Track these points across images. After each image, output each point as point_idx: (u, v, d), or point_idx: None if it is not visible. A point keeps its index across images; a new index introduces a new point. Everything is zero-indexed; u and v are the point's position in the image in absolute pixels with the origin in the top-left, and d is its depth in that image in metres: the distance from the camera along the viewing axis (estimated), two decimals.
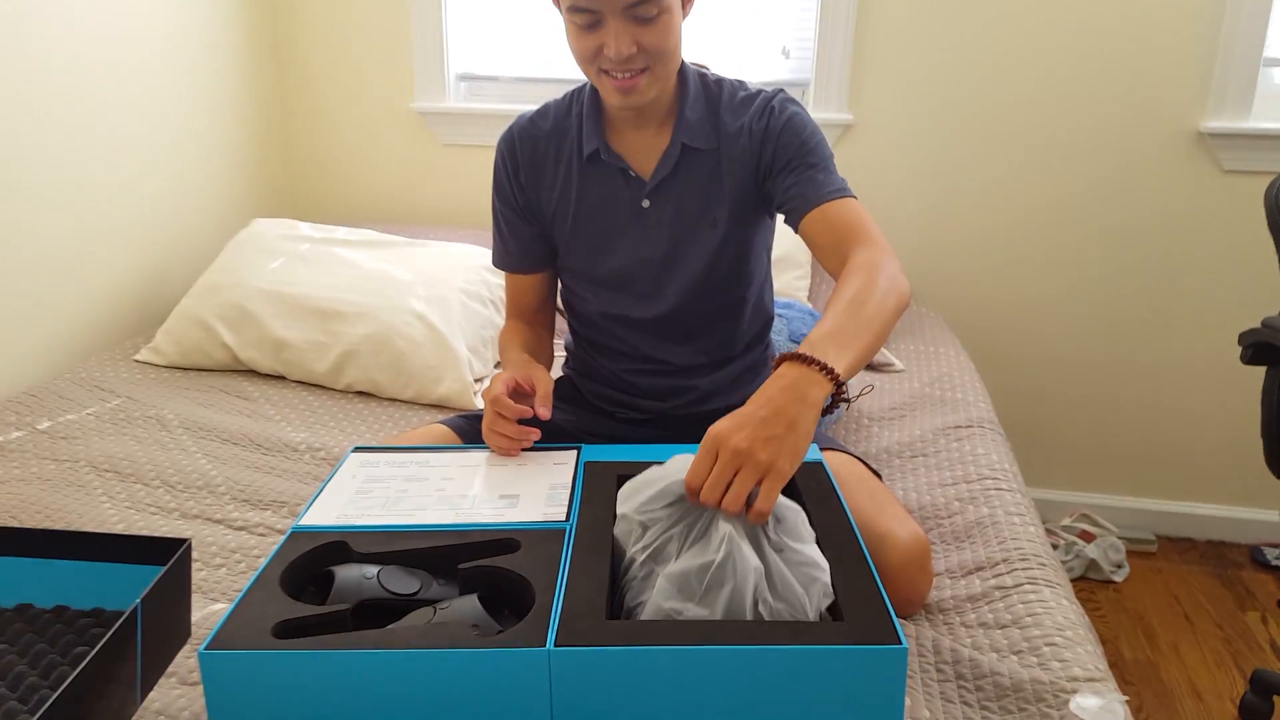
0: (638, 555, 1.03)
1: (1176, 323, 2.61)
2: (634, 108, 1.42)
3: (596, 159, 1.49)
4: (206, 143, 2.60)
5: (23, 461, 1.77)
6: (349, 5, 2.76)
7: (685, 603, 0.96)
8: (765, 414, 1.03)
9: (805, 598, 0.96)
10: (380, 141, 2.87)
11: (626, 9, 1.30)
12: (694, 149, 1.47)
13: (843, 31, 2.54)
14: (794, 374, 1.06)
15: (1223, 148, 2.44)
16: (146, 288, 2.42)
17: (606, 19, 1.31)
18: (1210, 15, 2.37)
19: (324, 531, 1.14)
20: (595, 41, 1.34)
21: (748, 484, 0.99)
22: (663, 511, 1.04)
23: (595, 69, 1.38)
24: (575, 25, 1.35)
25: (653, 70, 1.37)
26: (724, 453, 1.00)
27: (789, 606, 0.96)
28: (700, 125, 1.47)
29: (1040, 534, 1.51)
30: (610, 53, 1.32)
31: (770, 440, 1.00)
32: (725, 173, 1.47)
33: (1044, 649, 1.18)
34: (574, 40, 1.37)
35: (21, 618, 1.13)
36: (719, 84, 1.50)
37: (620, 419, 1.62)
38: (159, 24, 2.39)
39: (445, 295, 2.18)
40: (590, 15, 1.31)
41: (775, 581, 0.97)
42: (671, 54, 1.38)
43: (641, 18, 1.31)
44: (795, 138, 1.44)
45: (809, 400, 1.05)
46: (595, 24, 1.32)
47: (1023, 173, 2.58)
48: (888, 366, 2.22)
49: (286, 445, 1.87)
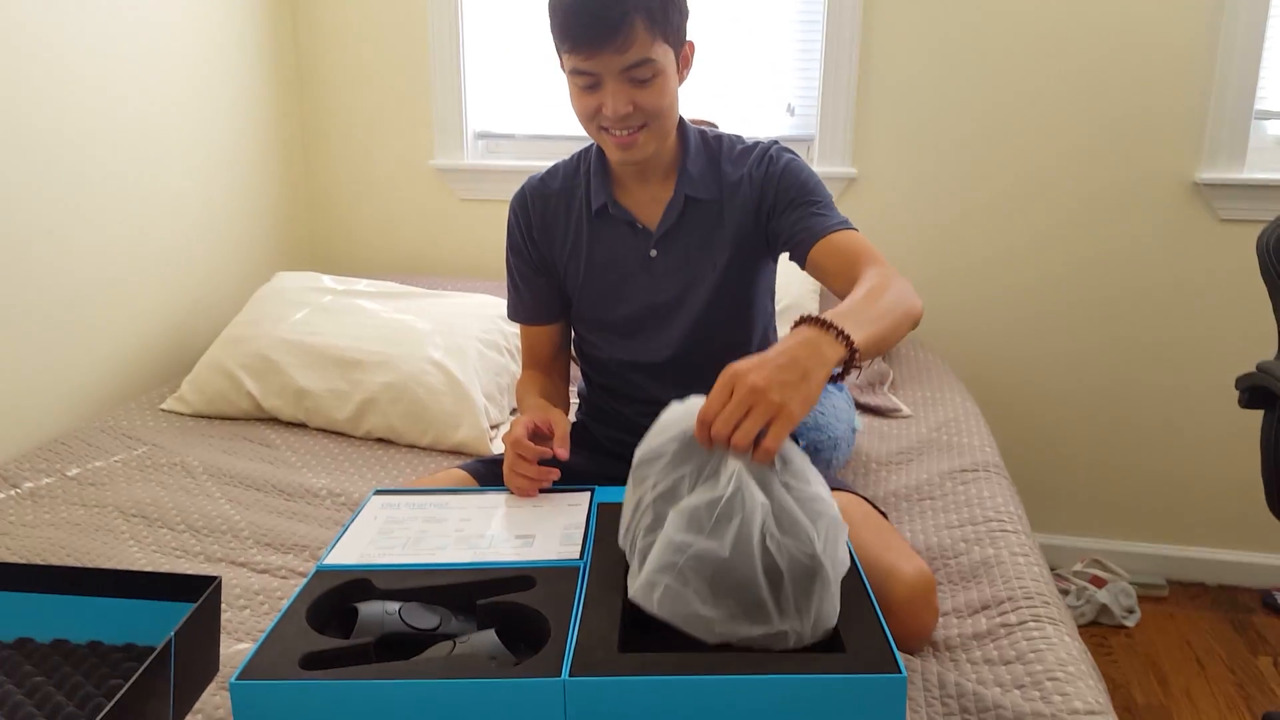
0: (647, 495, 1.07)
1: (1179, 368, 2.65)
2: (634, 163, 1.51)
3: (605, 213, 1.56)
4: (232, 199, 2.68)
5: (53, 506, 1.83)
6: (372, 66, 2.85)
7: (695, 536, 0.99)
8: (782, 361, 1.07)
9: (813, 530, 0.99)
10: (400, 197, 2.95)
11: (623, 71, 1.38)
12: (697, 199, 1.55)
13: (846, 89, 2.61)
14: (812, 333, 1.11)
15: (1218, 198, 2.49)
16: (172, 339, 2.48)
17: (605, 80, 1.40)
18: (1203, 71, 2.43)
19: (347, 570, 1.18)
20: (595, 101, 1.42)
21: (759, 422, 1.02)
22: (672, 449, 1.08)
23: (595, 126, 1.46)
24: (577, 86, 1.43)
25: (650, 127, 1.45)
26: (740, 389, 1.03)
27: (796, 541, 0.99)
28: (702, 177, 1.55)
29: (1045, 574, 1.54)
30: (608, 111, 1.41)
31: (785, 384, 1.04)
32: (728, 220, 1.55)
33: (1046, 683, 1.22)
34: (576, 100, 1.46)
35: (57, 652, 1.18)
36: (718, 139, 1.59)
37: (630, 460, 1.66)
38: (188, 86, 2.48)
39: (462, 344, 2.24)
40: (590, 77, 1.40)
41: (782, 518, 1.00)
42: (667, 113, 1.46)
43: (637, 79, 1.40)
44: (795, 179, 1.52)
45: (823, 357, 1.09)
46: (595, 85, 1.41)
47: (1024, 225, 2.63)
48: (895, 412, 2.27)
49: (308, 491, 1.92)
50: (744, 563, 0.97)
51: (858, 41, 2.58)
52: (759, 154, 1.56)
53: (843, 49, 2.59)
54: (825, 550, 1.00)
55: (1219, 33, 2.40)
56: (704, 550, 0.98)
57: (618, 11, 1.34)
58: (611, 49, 1.36)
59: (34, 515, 1.79)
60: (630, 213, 1.56)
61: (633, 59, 1.38)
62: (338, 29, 2.85)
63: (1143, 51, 2.46)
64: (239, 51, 2.66)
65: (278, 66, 2.83)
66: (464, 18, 2.77)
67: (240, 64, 2.67)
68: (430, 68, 2.81)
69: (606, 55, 1.37)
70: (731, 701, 0.93)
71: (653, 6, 1.36)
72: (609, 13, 1.34)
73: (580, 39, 1.36)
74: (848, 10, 2.56)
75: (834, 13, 2.57)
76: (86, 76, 2.16)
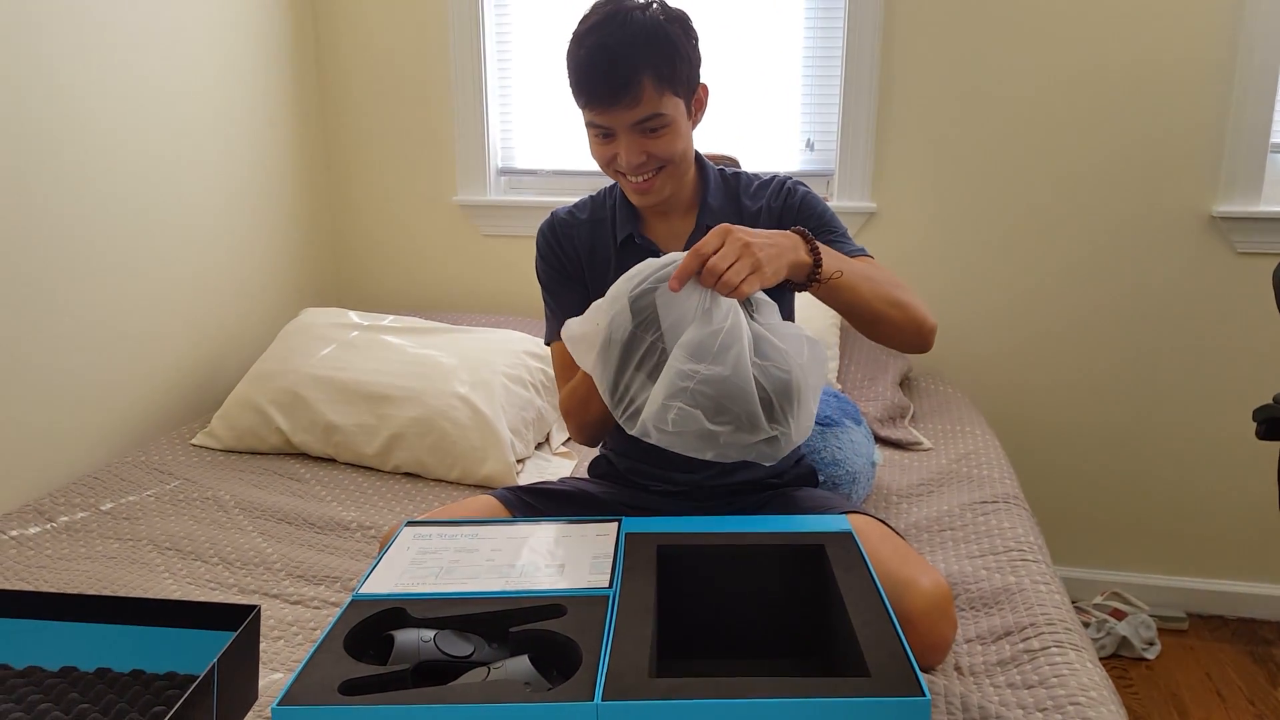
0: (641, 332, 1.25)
1: (1197, 401, 2.67)
2: (652, 205, 1.59)
3: (630, 243, 1.63)
4: (258, 237, 2.74)
5: (88, 540, 1.87)
6: (396, 103, 2.92)
7: (699, 364, 1.16)
8: (766, 238, 1.28)
9: (786, 351, 1.23)
10: (424, 233, 3.00)
11: (634, 125, 1.47)
12: None
13: (865, 124, 2.66)
14: (795, 238, 1.33)
15: (1234, 231, 2.52)
16: (202, 375, 2.53)
17: (618, 133, 1.48)
18: (1218, 105, 2.47)
19: (382, 599, 1.21)
20: (611, 150, 1.51)
21: (745, 268, 1.22)
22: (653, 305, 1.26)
23: (613, 171, 1.55)
24: (593, 136, 1.52)
25: (665, 170, 1.53)
26: (732, 241, 1.24)
27: (776, 361, 1.22)
28: (722, 210, 1.62)
29: (1065, 602, 1.56)
30: (622, 162, 1.50)
31: (766, 248, 1.27)
32: None
33: (1069, 707, 1.24)
34: (593, 148, 1.54)
35: (101, 680, 1.22)
36: (735, 176, 1.66)
37: (654, 491, 1.70)
38: (214, 126, 2.54)
39: (488, 379, 2.27)
40: (604, 129, 1.49)
41: (761, 345, 1.23)
42: (681, 157, 1.54)
43: (649, 130, 1.48)
44: (813, 210, 1.60)
45: (795, 255, 1.31)
46: (609, 136, 1.50)
47: (1042, 258, 2.66)
48: (915, 445, 2.29)
49: (338, 524, 1.95)
50: (743, 381, 1.19)
51: (877, 77, 2.62)
52: (776, 186, 1.63)
53: (862, 84, 2.64)
54: (795, 368, 1.23)
55: (1234, 67, 2.43)
56: (710, 374, 1.19)
57: (625, 72, 1.42)
58: (621, 107, 1.45)
59: (70, 549, 1.83)
60: (654, 243, 1.62)
61: (642, 114, 1.46)
62: (361, 67, 2.92)
63: (1158, 86, 2.49)
64: (264, 90, 2.72)
65: (302, 105, 2.90)
66: (487, 54, 2.84)
67: (265, 102, 2.73)
68: (453, 104, 2.87)
69: (617, 112, 1.45)
70: None
71: (660, 65, 1.44)
72: (617, 74, 1.43)
73: (592, 97, 1.46)
74: (867, 46, 2.61)
75: (853, 48, 2.62)
76: (116, 119, 2.22)
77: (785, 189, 1.62)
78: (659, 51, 1.44)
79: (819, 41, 2.69)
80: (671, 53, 1.46)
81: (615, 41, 1.43)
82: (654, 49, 1.44)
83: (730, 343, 1.19)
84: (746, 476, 1.66)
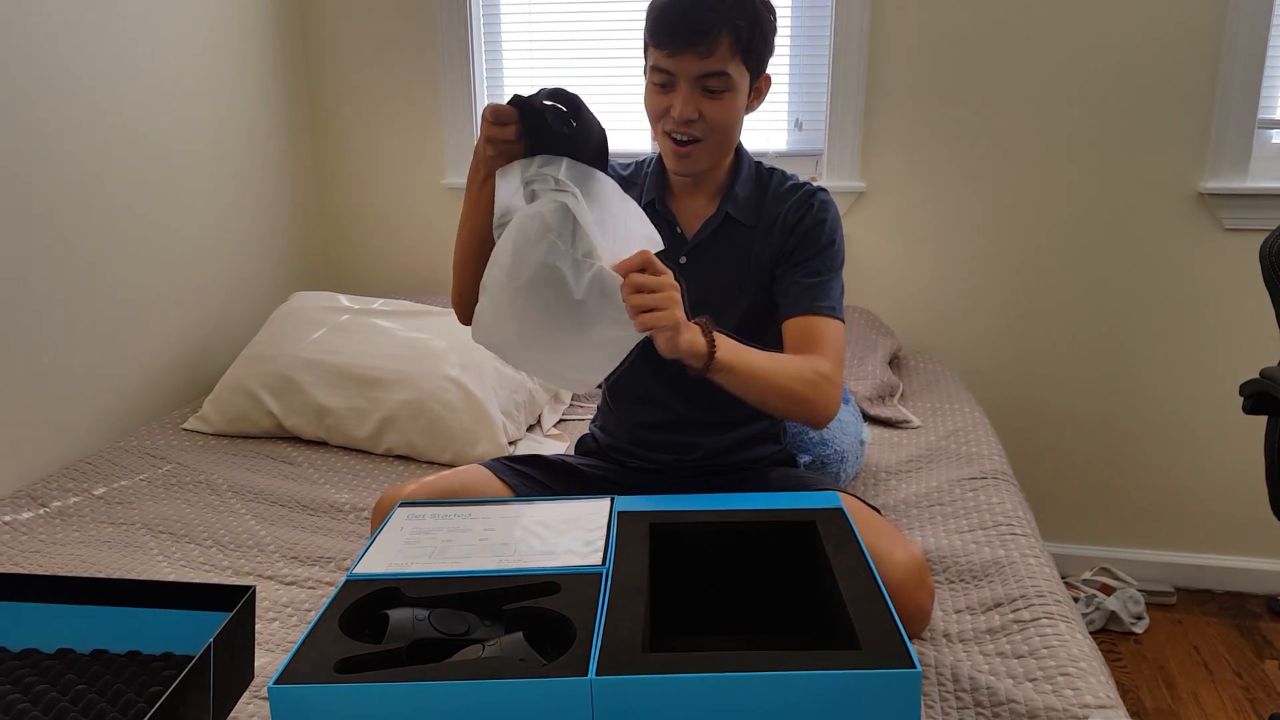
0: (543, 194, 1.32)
1: (1184, 377, 2.68)
2: (688, 174, 1.59)
3: (651, 208, 1.64)
4: (248, 221, 2.74)
5: (81, 525, 1.87)
6: (384, 88, 2.91)
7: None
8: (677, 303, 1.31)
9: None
10: (414, 216, 3.00)
11: (697, 78, 1.47)
12: (735, 221, 1.62)
13: (853, 103, 2.66)
14: (699, 331, 1.35)
15: (1222, 207, 2.53)
16: (193, 360, 2.53)
17: (679, 83, 1.49)
18: (1205, 81, 2.48)
19: (377, 579, 1.22)
20: (666, 101, 1.51)
21: (659, 320, 1.26)
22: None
23: (661, 128, 1.55)
24: (653, 83, 1.52)
25: (707, 142, 1.53)
26: (672, 294, 1.28)
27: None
28: (747, 202, 1.62)
29: (1054, 575, 1.58)
30: (675, 113, 1.50)
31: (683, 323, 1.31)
32: (757, 250, 1.62)
33: (1058, 678, 1.25)
34: (649, 98, 1.55)
35: (98, 662, 1.22)
36: (770, 172, 1.67)
37: (631, 468, 1.75)
38: (203, 109, 2.53)
39: (479, 361, 2.28)
40: (667, 76, 1.49)
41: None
42: (728, 131, 1.55)
43: (709, 89, 1.49)
44: (817, 242, 1.59)
45: (693, 345, 1.33)
46: (669, 85, 1.50)
47: (1031, 236, 2.67)
48: (904, 423, 2.30)
49: (331, 506, 1.96)
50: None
51: (865, 55, 2.62)
52: (802, 196, 1.61)
53: (850, 64, 2.64)
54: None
55: (1222, 43, 2.44)
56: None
57: (709, 20, 1.44)
58: (693, 53, 1.45)
59: (64, 533, 1.83)
60: (674, 215, 1.64)
61: (710, 68, 1.47)
62: (349, 49, 2.91)
63: (1146, 62, 2.50)
64: (252, 75, 2.71)
65: (290, 88, 2.89)
66: (475, 35, 2.83)
67: (253, 87, 2.72)
68: (441, 87, 2.86)
69: (687, 58, 1.46)
70: (752, 698, 0.97)
71: (741, 27, 1.46)
72: (701, 20, 1.44)
73: (668, 37, 1.46)
74: (855, 25, 2.61)
75: (841, 28, 2.62)
76: (103, 105, 2.21)
77: (808, 204, 1.61)
78: (745, 15, 1.46)
79: (807, 20, 2.69)
80: (755, 22, 1.48)
81: None
82: (741, 11, 1.46)
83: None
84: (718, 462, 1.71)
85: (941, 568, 1.63)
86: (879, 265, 2.77)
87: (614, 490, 1.67)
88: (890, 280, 2.78)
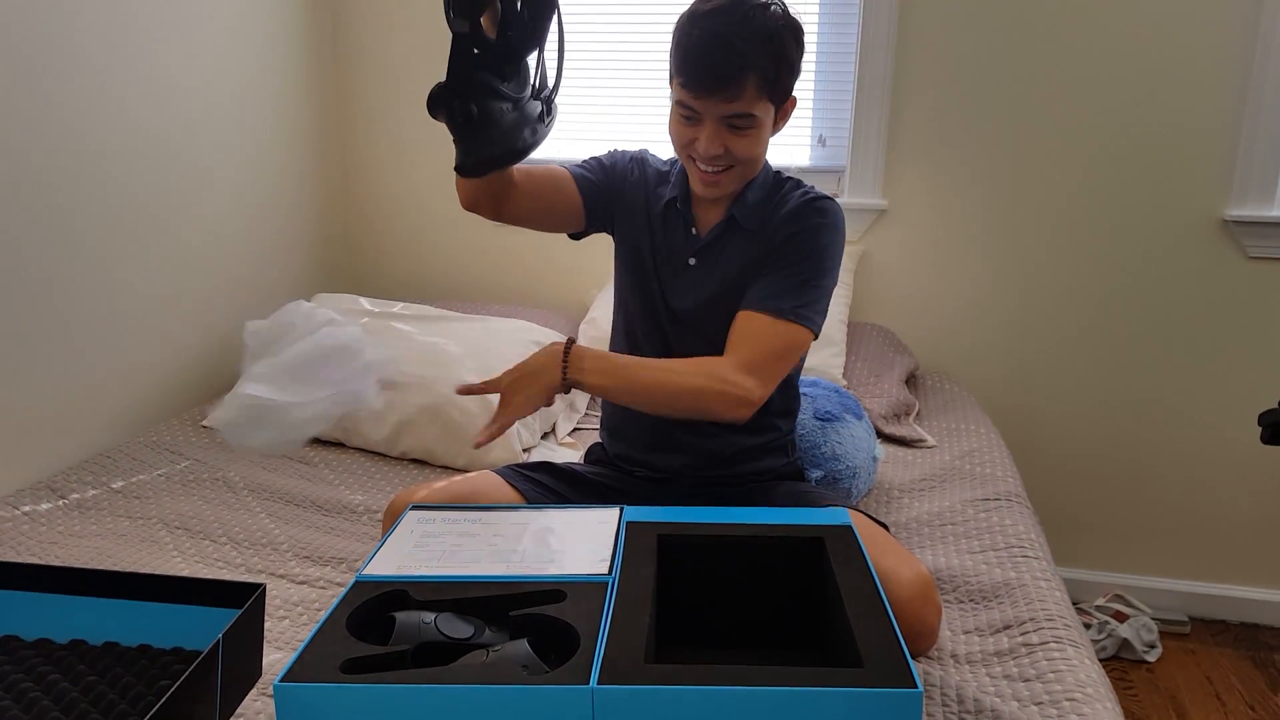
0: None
1: (1205, 405, 2.67)
2: (714, 199, 1.61)
3: (673, 206, 1.66)
4: (273, 222, 2.76)
5: (99, 518, 1.89)
6: (410, 93, 2.93)
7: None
8: (520, 373, 1.51)
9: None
10: (435, 222, 3.02)
11: (723, 118, 1.48)
12: (740, 225, 1.62)
13: (877, 122, 2.66)
14: (552, 357, 1.50)
15: (1246, 235, 2.52)
16: (214, 357, 2.55)
17: (705, 120, 1.49)
18: (1233, 109, 2.46)
19: (385, 581, 1.23)
20: (692, 134, 1.52)
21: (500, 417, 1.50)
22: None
23: (686, 155, 1.56)
24: (678, 115, 1.53)
25: (735, 170, 1.55)
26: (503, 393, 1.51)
27: None
28: (755, 209, 1.63)
29: (1065, 599, 1.57)
30: (700, 149, 1.51)
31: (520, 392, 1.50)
32: (757, 254, 1.61)
33: (1064, 702, 1.25)
34: (674, 127, 1.55)
35: (109, 654, 1.24)
36: (787, 181, 1.67)
37: (638, 476, 1.76)
38: (232, 111, 2.56)
39: (495, 368, 2.26)
40: (693, 112, 1.49)
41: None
42: (756, 160, 1.57)
43: (736, 126, 1.49)
44: (801, 246, 1.57)
45: (548, 377, 1.49)
46: (695, 120, 1.50)
47: (1052, 258, 2.67)
48: (919, 442, 2.30)
49: (345, 507, 1.98)
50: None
51: (890, 75, 2.63)
52: (804, 203, 1.60)
53: (875, 82, 2.64)
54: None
55: (1251, 69, 2.43)
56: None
57: (735, 68, 1.44)
58: (719, 98, 1.46)
59: (80, 526, 1.86)
60: (693, 216, 1.66)
61: (736, 110, 1.47)
62: (377, 58, 2.93)
63: (1173, 88, 2.49)
64: (279, 78, 2.74)
65: (319, 95, 2.91)
66: None
67: (282, 92, 2.75)
68: None
69: (713, 101, 1.47)
70: (753, 713, 0.97)
71: (768, 70, 1.46)
72: (727, 68, 1.44)
73: (694, 79, 1.46)
74: (881, 43, 2.61)
75: (867, 46, 2.63)
76: (135, 103, 2.24)
77: (807, 209, 1.59)
78: (771, 55, 1.46)
79: (833, 37, 2.69)
80: (781, 59, 1.48)
81: (733, 34, 1.44)
82: (767, 52, 1.45)
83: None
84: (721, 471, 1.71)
85: (951, 588, 1.63)
86: (898, 283, 2.77)
87: (622, 499, 1.68)
88: (910, 299, 2.78)
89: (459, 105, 1.34)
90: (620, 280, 1.76)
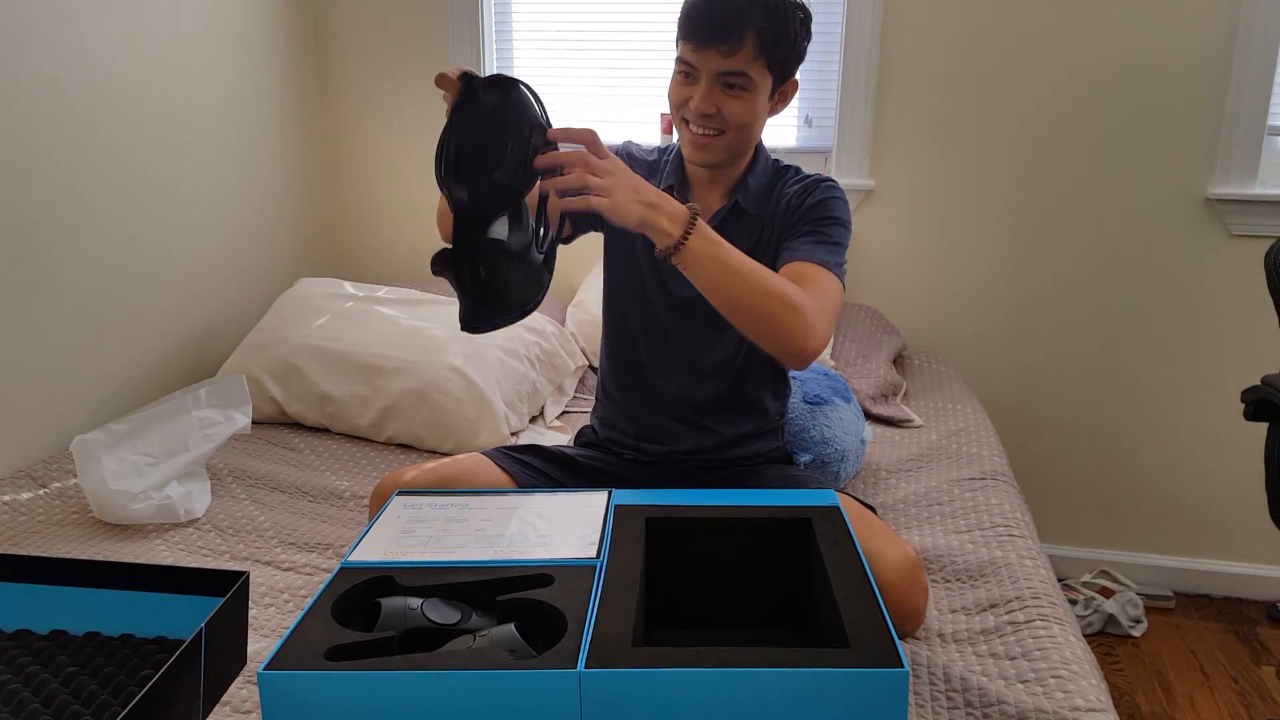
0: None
1: (1188, 382, 2.68)
2: (703, 164, 1.60)
3: (671, 194, 1.64)
4: (255, 206, 2.74)
5: (80, 506, 1.87)
6: (393, 77, 2.91)
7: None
8: (647, 189, 1.33)
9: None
10: (420, 205, 3.00)
11: (719, 74, 1.50)
12: (745, 211, 1.63)
13: (864, 102, 2.65)
14: (681, 208, 1.33)
15: (1229, 213, 2.52)
16: (197, 344, 2.53)
17: (701, 78, 1.51)
18: (1216, 87, 2.46)
19: (371, 567, 1.22)
20: (687, 93, 1.54)
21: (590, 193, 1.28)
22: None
23: (680, 116, 1.57)
24: (678, 74, 1.55)
25: (726, 136, 1.55)
26: (607, 164, 1.32)
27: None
28: (758, 195, 1.64)
29: (1050, 577, 1.58)
30: (693, 106, 1.52)
31: (631, 192, 1.31)
32: (764, 238, 1.63)
33: (1049, 680, 1.25)
34: (673, 87, 1.57)
35: (91, 644, 1.22)
36: (785, 169, 1.68)
37: (628, 459, 1.76)
38: (213, 96, 2.53)
39: (483, 352, 2.28)
40: (689, 68, 1.52)
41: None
42: (746, 129, 1.56)
43: (730, 85, 1.51)
44: (819, 212, 1.59)
45: (666, 221, 1.32)
46: (692, 78, 1.53)
47: (1037, 239, 2.67)
48: (907, 422, 2.30)
49: (331, 493, 1.96)
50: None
51: (876, 54, 2.62)
52: (810, 182, 1.63)
53: (861, 62, 2.63)
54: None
55: (1233, 50, 2.43)
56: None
57: (735, 21, 1.47)
58: (717, 50, 1.48)
59: (62, 514, 1.84)
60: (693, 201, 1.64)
61: (731, 67, 1.49)
62: (359, 38, 2.91)
63: (1157, 66, 2.49)
64: (263, 63, 2.72)
65: (301, 77, 2.89)
66: (485, 29, 2.83)
67: (264, 75, 2.73)
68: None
69: (711, 54, 1.49)
70: (739, 694, 0.97)
71: (766, 31, 1.48)
72: (727, 19, 1.47)
73: (695, 32, 1.49)
74: (867, 23, 2.60)
75: (853, 25, 2.62)
76: (116, 86, 2.22)
77: (816, 186, 1.62)
78: (773, 19, 1.49)
79: (818, 17, 2.65)
80: (783, 26, 1.50)
81: None
82: (769, 14, 1.48)
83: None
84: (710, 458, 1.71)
85: (938, 567, 1.63)
86: (885, 263, 2.77)
87: (611, 482, 1.68)
88: (896, 279, 2.77)
89: (467, 270, 1.30)
90: (613, 278, 1.74)
